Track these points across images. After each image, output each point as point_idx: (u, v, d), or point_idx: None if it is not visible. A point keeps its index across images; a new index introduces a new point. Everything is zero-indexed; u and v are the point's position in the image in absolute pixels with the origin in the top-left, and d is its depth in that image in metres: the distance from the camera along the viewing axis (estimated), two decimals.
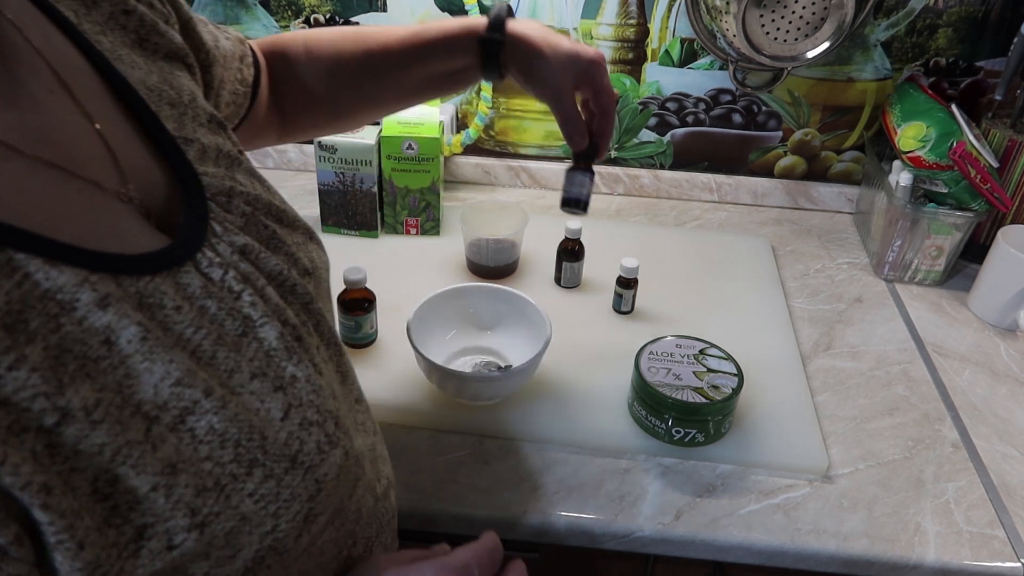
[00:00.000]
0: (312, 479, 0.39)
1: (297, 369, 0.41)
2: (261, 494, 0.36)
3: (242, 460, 0.36)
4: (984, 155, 0.98)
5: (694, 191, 1.27)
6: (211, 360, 0.37)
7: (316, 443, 0.40)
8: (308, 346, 0.43)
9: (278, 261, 0.44)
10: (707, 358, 0.81)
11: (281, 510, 0.37)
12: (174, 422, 0.34)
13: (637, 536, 0.72)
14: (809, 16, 1.01)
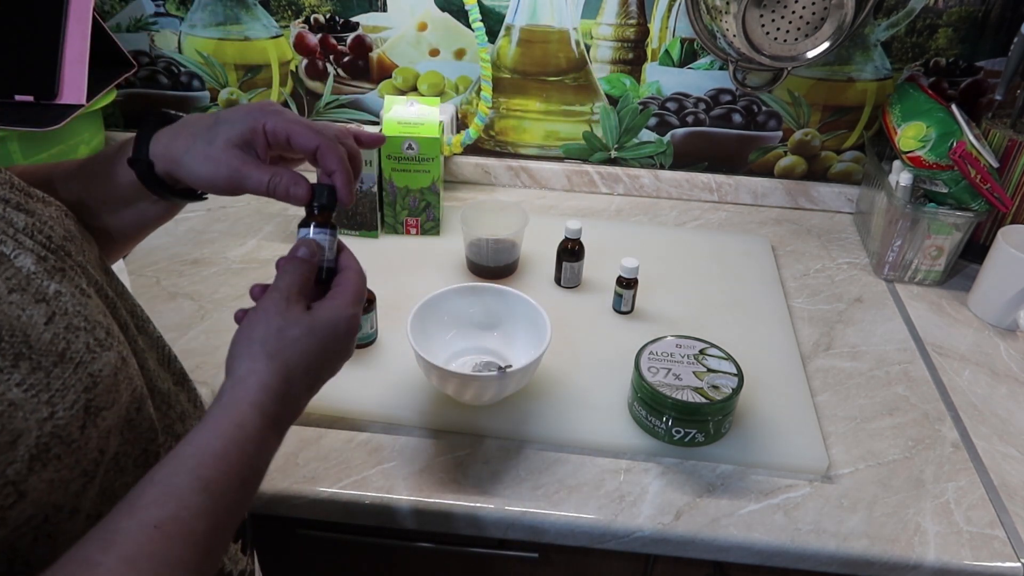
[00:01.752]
0: (86, 373, 0.41)
1: (60, 286, 0.43)
2: (30, 383, 0.39)
3: (6, 354, 0.38)
4: (984, 155, 0.98)
5: (694, 191, 1.27)
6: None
7: (85, 344, 0.42)
8: (72, 277, 0.45)
9: (28, 220, 0.46)
10: (707, 358, 0.81)
11: (55, 398, 0.39)
12: None
13: (637, 536, 0.72)
14: (809, 16, 1.01)
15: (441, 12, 1.15)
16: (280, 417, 0.47)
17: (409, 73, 1.21)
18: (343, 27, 1.17)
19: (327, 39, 1.18)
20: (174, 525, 0.39)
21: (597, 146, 1.25)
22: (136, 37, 1.20)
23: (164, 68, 1.23)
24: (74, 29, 0.96)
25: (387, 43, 1.18)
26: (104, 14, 1.18)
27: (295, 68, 1.21)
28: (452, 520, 0.74)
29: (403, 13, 1.15)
